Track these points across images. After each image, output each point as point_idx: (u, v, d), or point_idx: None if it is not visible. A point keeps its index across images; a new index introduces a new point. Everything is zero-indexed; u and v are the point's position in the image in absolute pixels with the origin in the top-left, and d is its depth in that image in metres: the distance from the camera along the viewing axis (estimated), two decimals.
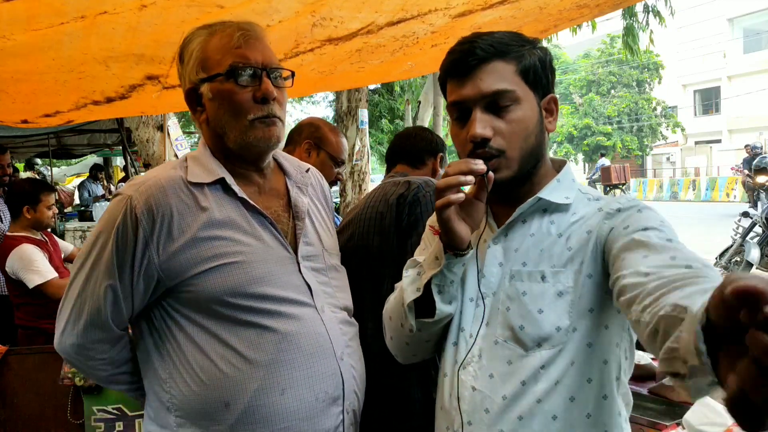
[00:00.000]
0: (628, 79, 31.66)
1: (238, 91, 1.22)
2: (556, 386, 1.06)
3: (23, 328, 3.33)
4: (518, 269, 1.12)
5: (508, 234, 1.16)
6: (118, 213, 1.21)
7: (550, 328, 1.07)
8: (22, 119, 3.33)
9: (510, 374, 1.08)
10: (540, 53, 1.13)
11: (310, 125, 2.29)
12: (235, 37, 1.23)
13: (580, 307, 1.07)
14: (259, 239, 1.27)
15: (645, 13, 8.10)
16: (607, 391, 1.07)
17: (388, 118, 13.70)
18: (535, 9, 2.34)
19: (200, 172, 1.27)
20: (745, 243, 7.05)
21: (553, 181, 1.16)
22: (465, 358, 1.14)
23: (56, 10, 1.80)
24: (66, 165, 15.46)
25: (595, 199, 1.16)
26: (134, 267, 1.21)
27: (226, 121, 1.25)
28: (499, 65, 1.09)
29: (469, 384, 1.12)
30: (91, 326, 1.25)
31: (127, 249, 1.20)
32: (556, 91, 1.21)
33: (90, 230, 6.22)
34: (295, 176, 1.43)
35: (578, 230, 1.11)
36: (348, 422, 1.31)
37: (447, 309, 1.15)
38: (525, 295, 1.09)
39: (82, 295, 1.25)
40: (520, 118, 1.09)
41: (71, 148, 9.66)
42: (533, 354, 1.07)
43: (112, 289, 1.22)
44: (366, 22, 2.29)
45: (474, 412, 1.10)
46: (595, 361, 1.07)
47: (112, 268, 1.21)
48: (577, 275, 1.07)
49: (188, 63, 1.27)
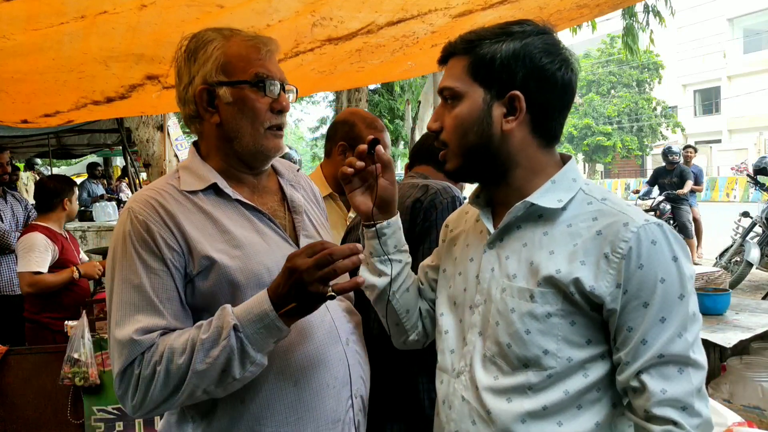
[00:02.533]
0: (628, 79, 31.68)
1: (260, 100, 1.28)
2: (544, 411, 1.03)
3: (29, 322, 3.44)
4: (509, 284, 1.08)
5: (503, 239, 1.13)
6: (126, 225, 1.23)
7: (536, 351, 1.03)
8: (22, 119, 3.34)
9: (496, 390, 1.07)
10: (513, 46, 1.05)
11: (345, 123, 2.15)
12: (263, 51, 1.29)
13: (573, 334, 1.03)
14: (260, 233, 1.29)
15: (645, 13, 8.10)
16: (604, 422, 1.04)
17: (388, 118, 13.70)
18: (535, 9, 2.34)
19: (192, 180, 1.30)
20: (745, 243, 7.04)
21: (548, 183, 1.09)
22: (459, 366, 1.15)
23: (56, 10, 1.80)
24: (66, 165, 15.46)
25: (596, 211, 1.06)
26: (164, 258, 1.20)
27: (242, 126, 1.29)
28: (453, 61, 1.11)
29: (459, 393, 1.13)
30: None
31: (147, 245, 1.20)
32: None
33: (90, 230, 6.23)
34: (287, 175, 1.47)
35: (570, 250, 1.03)
36: (357, 407, 1.35)
37: (370, 278, 1.28)
38: (513, 312, 1.06)
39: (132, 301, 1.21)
40: (456, 114, 1.09)
41: (71, 148, 9.65)
42: (520, 374, 1.05)
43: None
44: (366, 22, 2.29)
45: (461, 422, 1.11)
46: (592, 394, 1.04)
47: (144, 266, 1.20)
48: (567, 299, 1.02)
49: (205, 63, 1.28)
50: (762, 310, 2.97)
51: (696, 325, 1.00)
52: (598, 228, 1.03)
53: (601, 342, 1.04)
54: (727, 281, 3.96)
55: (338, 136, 2.14)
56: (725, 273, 3.77)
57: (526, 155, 1.10)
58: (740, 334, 2.50)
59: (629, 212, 1.03)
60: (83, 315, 2.92)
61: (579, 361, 1.03)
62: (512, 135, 1.08)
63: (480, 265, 1.15)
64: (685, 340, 0.98)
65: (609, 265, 0.99)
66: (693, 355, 0.98)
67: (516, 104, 1.06)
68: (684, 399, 0.97)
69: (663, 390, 0.97)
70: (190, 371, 1.12)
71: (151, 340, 1.16)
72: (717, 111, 31.14)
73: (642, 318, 0.98)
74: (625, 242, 0.99)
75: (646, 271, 0.98)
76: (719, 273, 3.67)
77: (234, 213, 1.29)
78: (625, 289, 0.99)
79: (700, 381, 0.99)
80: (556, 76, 1.06)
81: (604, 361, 1.04)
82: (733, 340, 2.44)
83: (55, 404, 2.91)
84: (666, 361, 0.98)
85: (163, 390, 1.14)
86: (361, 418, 1.38)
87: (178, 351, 1.13)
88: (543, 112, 1.08)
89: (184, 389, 1.13)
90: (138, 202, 1.25)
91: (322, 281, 1.08)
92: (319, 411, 1.26)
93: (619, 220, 1.02)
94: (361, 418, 1.37)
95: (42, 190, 3.55)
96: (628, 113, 30.81)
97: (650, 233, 0.99)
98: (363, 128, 2.11)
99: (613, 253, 0.99)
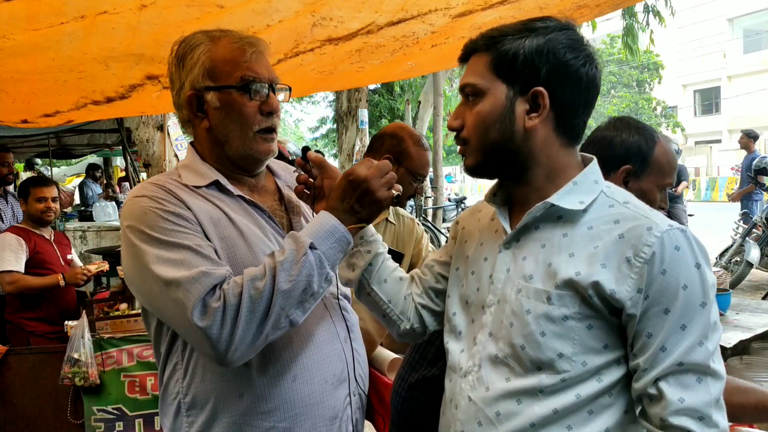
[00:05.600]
0: (628, 79, 31.67)
1: (248, 104, 1.27)
2: (554, 414, 1.02)
3: (8, 323, 3.43)
4: (525, 285, 1.05)
5: (520, 239, 1.10)
6: (142, 201, 1.22)
7: (551, 354, 1.01)
8: (22, 119, 3.34)
9: (507, 391, 1.05)
10: (536, 42, 1.03)
11: (393, 137, 2.15)
12: (248, 53, 1.28)
13: (590, 338, 1.01)
14: (261, 228, 1.31)
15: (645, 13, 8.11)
16: (614, 428, 1.03)
17: (388, 118, 13.71)
18: (536, 9, 2.34)
19: (194, 177, 1.31)
20: (745, 243, 7.04)
21: (569, 184, 1.06)
22: (467, 366, 1.13)
23: (56, 10, 1.80)
24: (66, 165, 15.46)
25: (618, 214, 1.04)
26: (190, 221, 1.20)
27: (231, 130, 1.29)
28: (475, 58, 1.10)
29: (466, 393, 1.11)
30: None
31: (172, 213, 1.19)
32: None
33: (90, 230, 6.22)
34: (284, 176, 1.48)
35: (591, 252, 1.01)
36: (355, 405, 1.35)
37: (345, 273, 1.31)
38: (529, 314, 1.04)
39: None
40: (478, 111, 1.07)
41: (71, 148, 9.64)
42: (532, 376, 1.03)
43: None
44: (366, 22, 2.29)
45: (467, 422, 1.10)
46: (604, 399, 1.02)
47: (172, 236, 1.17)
48: (585, 303, 1.00)
49: (192, 69, 1.28)
50: (762, 310, 2.96)
51: (716, 334, 0.98)
52: (620, 231, 1.01)
53: (617, 347, 1.02)
54: (727, 281, 3.95)
55: (384, 148, 2.12)
56: (725, 273, 3.76)
57: (547, 154, 1.08)
58: (740, 334, 2.50)
59: (653, 216, 1.01)
60: (83, 315, 2.92)
61: (594, 365, 1.01)
62: (535, 132, 1.06)
63: (495, 265, 1.13)
64: (705, 348, 0.96)
65: (631, 270, 0.98)
66: (713, 365, 0.97)
67: (539, 101, 1.04)
68: (702, 409, 0.95)
69: (681, 399, 0.96)
70: (276, 291, 1.11)
71: (221, 275, 1.13)
72: (717, 111, 31.12)
73: (662, 324, 0.97)
74: (649, 247, 0.97)
75: (669, 277, 0.96)
76: (719, 273, 3.66)
77: (237, 207, 1.30)
78: (647, 295, 0.97)
79: (718, 391, 0.97)
80: (581, 72, 1.05)
81: (619, 366, 1.03)
82: (733, 340, 2.44)
83: (55, 404, 2.91)
84: (685, 369, 0.96)
85: (250, 318, 1.10)
86: (360, 416, 1.39)
87: (259, 276, 1.13)
88: (567, 109, 1.06)
89: (270, 313, 1.11)
90: (146, 189, 1.25)
91: (387, 185, 1.19)
92: (316, 407, 1.27)
93: (642, 224, 1.00)
94: (359, 416, 1.38)
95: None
96: (628, 113, 30.77)
97: (674, 238, 0.98)
98: (411, 144, 2.11)
99: (636, 257, 0.97)
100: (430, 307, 1.32)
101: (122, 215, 1.26)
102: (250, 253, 1.24)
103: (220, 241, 1.22)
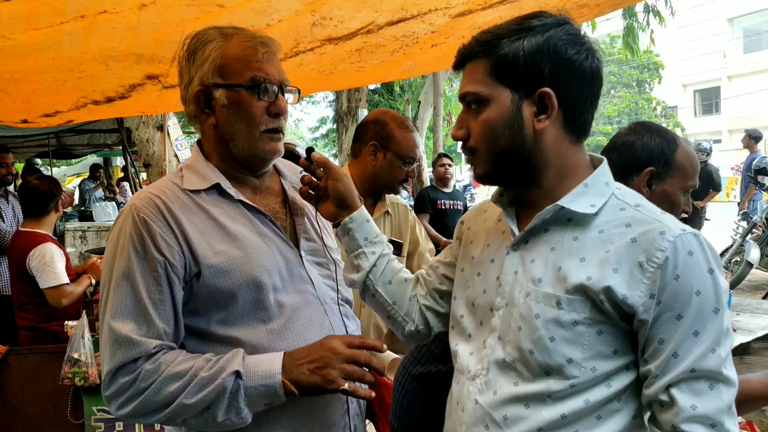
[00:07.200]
0: (628, 79, 31.67)
1: (256, 104, 1.26)
2: (562, 419, 1.00)
3: (28, 330, 3.29)
4: (534, 288, 1.03)
5: (529, 241, 1.08)
6: (127, 221, 1.22)
7: (560, 359, 0.99)
8: (22, 119, 3.34)
9: (514, 396, 1.04)
10: (535, 41, 1.01)
11: (376, 123, 2.09)
12: (261, 53, 1.27)
13: (600, 344, 1.00)
14: (261, 234, 1.29)
15: (645, 13, 8.12)
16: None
17: None
18: (535, 9, 2.34)
19: (195, 179, 1.30)
20: (745, 243, 7.05)
21: (580, 186, 1.04)
22: (476, 369, 1.11)
23: (56, 10, 1.80)
24: (66, 165, 15.47)
25: (630, 218, 1.02)
26: (163, 256, 1.20)
27: (237, 129, 1.28)
28: (472, 66, 1.07)
29: (473, 396, 1.09)
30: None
31: (146, 243, 1.20)
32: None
33: (90, 230, 6.22)
34: (290, 177, 1.46)
35: (602, 257, 0.99)
36: (353, 412, 1.34)
37: (350, 275, 1.31)
38: (538, 318, 1.01)
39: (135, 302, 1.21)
40: (485, 119, 1.05)
41: (71, 148, 9.66)
42: (541, 381, 1.01)
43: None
44: (366, 21, 2.29)
45: (473, 425, 1.08)
46: (613, 404, 1.01)
47: (143, 272, 1.20)
48: (596, 308, 0.99)
49: (202, 64, 1.28)
50: (763, 310, 2.96)
51: (729, 341, 0.96)
52: (632, 235, 0.99)
53: (627, 352, 1.01)
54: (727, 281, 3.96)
55: (369, 136, 2.08)
56: (725, 273, 3.77)
57: (557, 154, 1.06)
58: (741, 337, 2.50)
59: (665, 220, 1.00)
60: (83, 315, 2.92)
61: (604, 371, 1.00)
62: (545, 134, 1.04)
63: (502, 267, 1.10)
64: (718, 355, 0.95)
65: (643, 275, 0.96)
66: (725, 372, 0.95)
67: (547, 101, 1.02)
68: (714, 416, 0.94)
69: (693, 406, 0.94)
70: (179, 399, 1.14)
71: (146, 350, 1.16)
72: (717, 111, 31.13)
73: (675, 330, 0.95)
74: (662, 251, 0.95)
75: (682, 283, 0.95)
76: None
77: (236, 213, 1.29)
78: (659, 300, 0.95)
79: (730, 398, 0.96)
80: (584, 66, 1.02)
81: (629, 372, 1.01)
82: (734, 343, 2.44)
83: (55, 404, 2.91)
84: (698, 376, 0.95)
85: (147, 406, 1.16)
86: (358, 423, 1.37)
87: (177, 376, 1.15)
88: (574, 105, 1.04)
89: (167, 413, 1.15)
90: (141, 200, 1.24)
91: (342, 374, 1.15)
92: (313, 415, 1.26)
93: (654, 228, 0.98)
94: (357, 423, 1.37)
95: (35, 194, 3.32)
96: (628, 113, 30.77)
97: (687, 243, 0.96)
98: (395, 128, 2.06)
99: (648, 262, 0.96)
100: (434, 309, 1.31)
101: (117, 220, 1.27)
102: (247, 264, 1.23)
103: (214, 257, 1.21)
